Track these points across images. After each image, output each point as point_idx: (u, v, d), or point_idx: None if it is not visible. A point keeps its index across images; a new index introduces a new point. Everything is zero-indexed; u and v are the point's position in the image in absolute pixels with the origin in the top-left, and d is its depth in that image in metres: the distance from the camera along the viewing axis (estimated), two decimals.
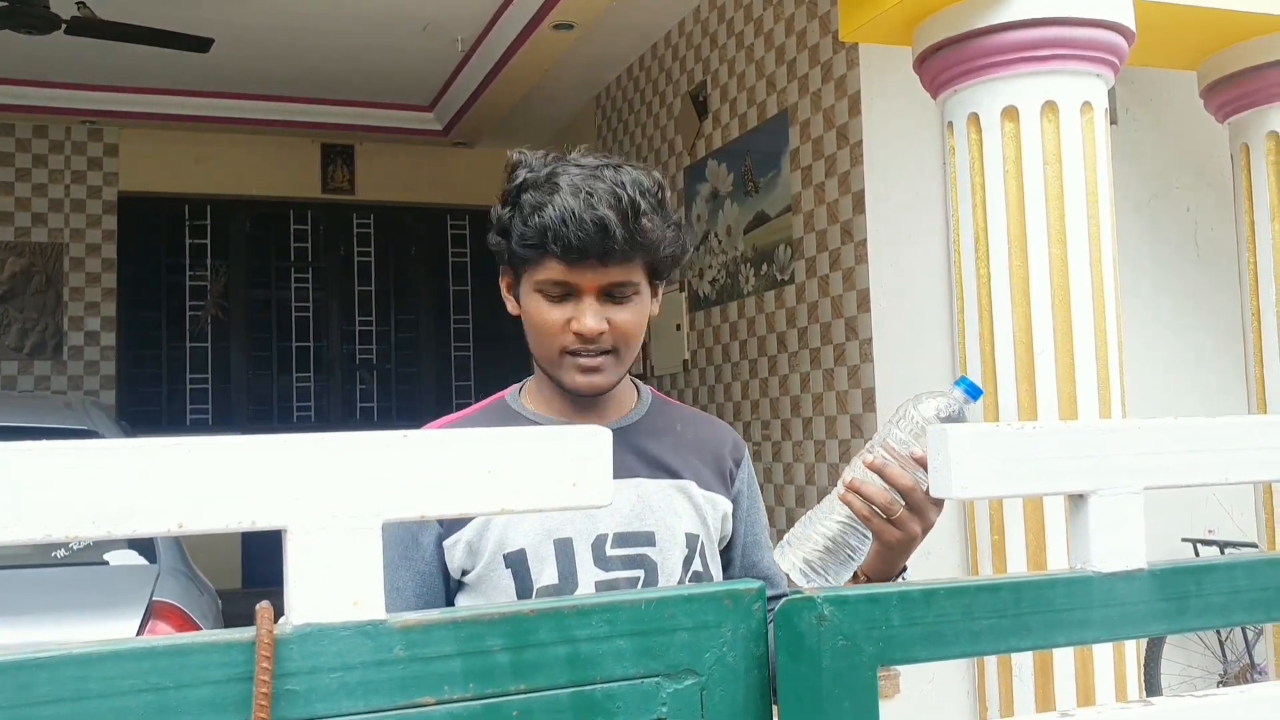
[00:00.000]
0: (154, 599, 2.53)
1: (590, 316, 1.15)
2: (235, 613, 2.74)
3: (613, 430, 1.23)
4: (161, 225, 6.97)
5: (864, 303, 3.69)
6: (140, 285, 6.87)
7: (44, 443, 0.64)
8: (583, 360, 1.17)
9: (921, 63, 2.56)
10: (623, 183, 1.15)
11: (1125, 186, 2.81)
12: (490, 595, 1.17)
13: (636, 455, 1.23)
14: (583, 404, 1.24)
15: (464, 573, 1.19)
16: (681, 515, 1.23)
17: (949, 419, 1.06)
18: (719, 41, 4.69)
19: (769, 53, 4.29)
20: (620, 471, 1.21)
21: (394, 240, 7.44)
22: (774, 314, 4.29)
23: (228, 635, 0.66)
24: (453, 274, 7.57)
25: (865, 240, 3.67)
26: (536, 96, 5.91)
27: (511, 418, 1.24)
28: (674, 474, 1.24)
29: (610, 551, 1.18)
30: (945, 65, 2.47)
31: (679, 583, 1.19)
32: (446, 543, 1.18)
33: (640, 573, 1.19)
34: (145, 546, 2.85)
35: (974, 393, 1.08)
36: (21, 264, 6.40)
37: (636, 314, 1.18)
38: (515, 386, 1.30)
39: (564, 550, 1.17)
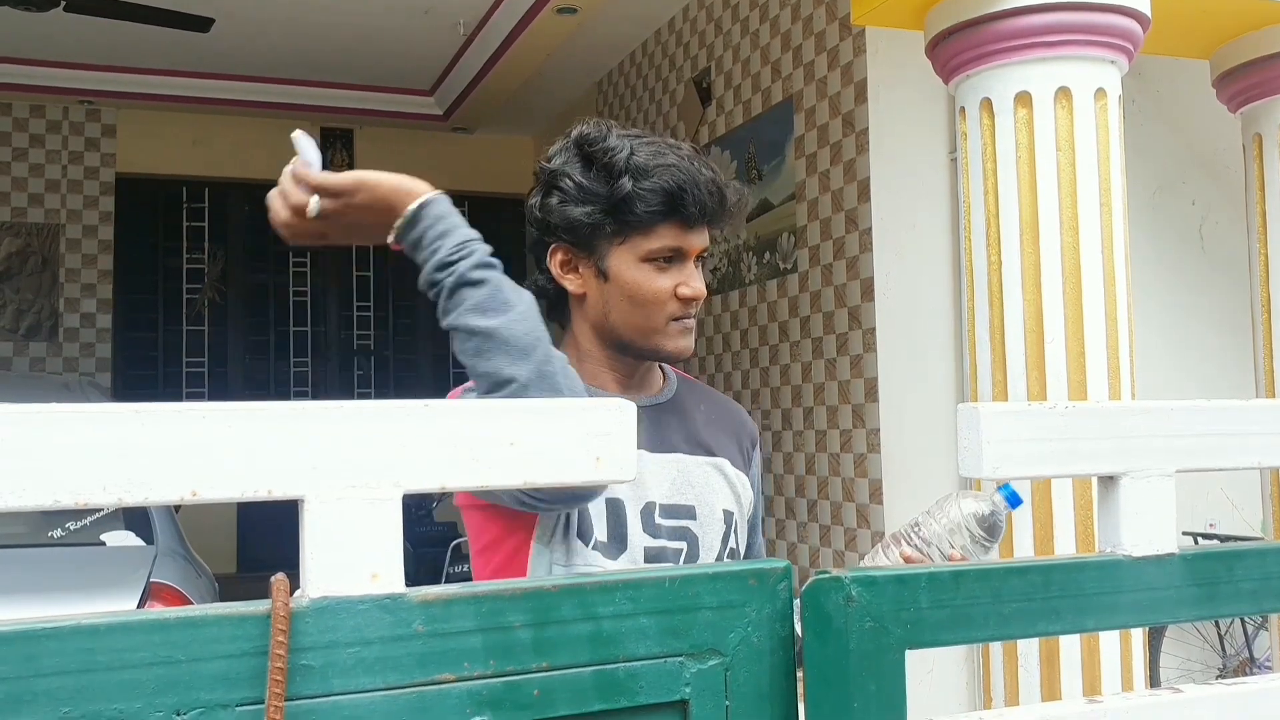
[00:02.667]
0: (151, 580, 2.51)
1: (698, 279, 1.21)
2: (232, 597, 2.71)
3: (652, 405, 1.24)
4: (159, 207, 6.93)
5: (868, 292, 3.67)
6: (137, 267, 6.83)
7: (52, 405, 0.61)
8: (686, 322, 1.21)
9: (934, 47, 2.53)
10: (699, 153, 1.22)
11: (1130, 179, 2.79)
12: (543, 544, 1.17)
13: (675, 431, 1.25)
14: (627, 379, 1.25)
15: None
16: (718, 492, 1.25)
17: (987, 521, 1.09)
18: (723, 27, 4.66)
19: (774, 39, 4.26)
20: (661, 446, 1.23)
21: None
22: (776, 303, 4.27)
23: (242, 608, 0.64)
24: None
25: (870, 229, 3.65)
26: (538, 82, 5.87)
27: None
28: (709, 452, 1.27)
29: (658, 520, 1.20)
30: (958, 50, 2.44)
31: (717, 558, 1.21)
32: None
33: (684, 544, 1.20)
34: (142, 528, 2.83)
35: (1014, 501, 1.12)
36: (18, 245, 6.36)
37: (704, 279, 1.24)
38: None
39: (615, 511, 1.18)
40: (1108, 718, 0.84)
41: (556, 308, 1.27)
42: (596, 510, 1.17)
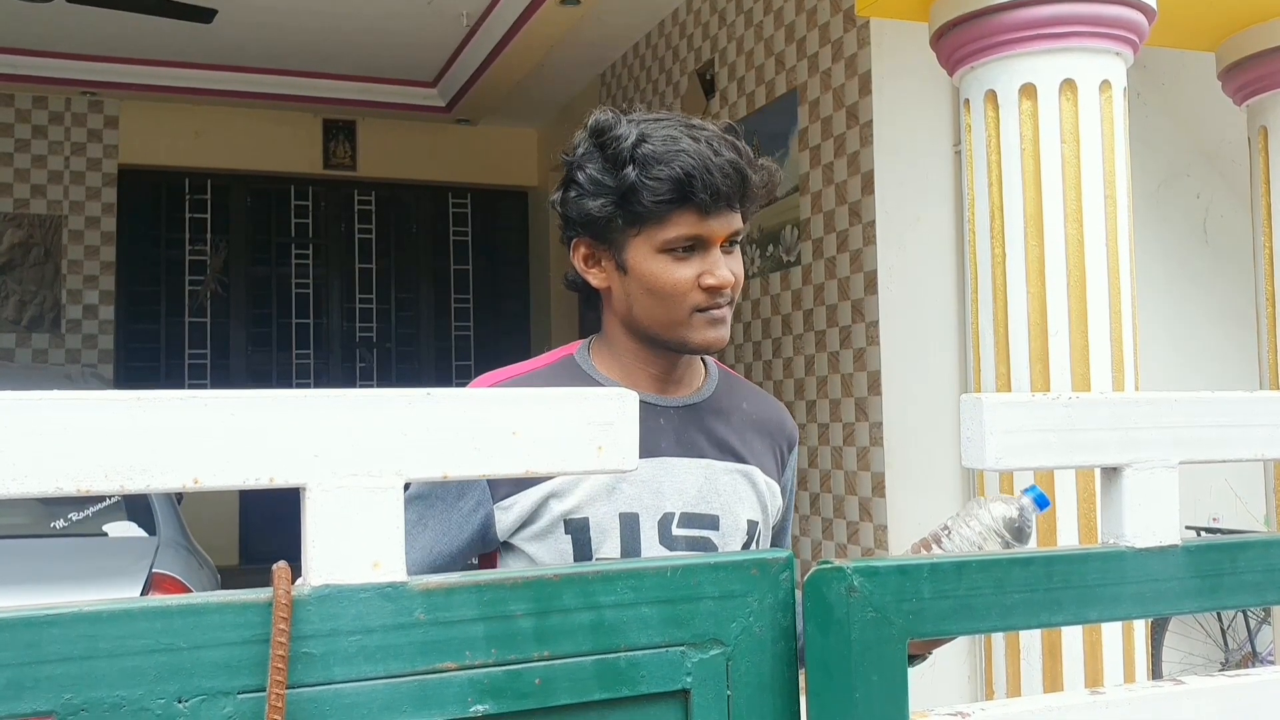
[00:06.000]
0: (154, 570, 2.52)
1: (724, 267, 1.14)
2: (234, 589, 2.73)
3: (684, 406, 1.21)
4: (161, 199, 6.93)
5: (871, 285, 3.67)
6: (139, 259, 6.83)
7: (54, 392, 0.61)
8: (714, 313, 1.15)
9: (938, 39, 2.52)
10: (726, 130, 1.15)
11: (1135, 172, 2.78)
12: (546, 558, 1.14)
13: (705, 435, 1.21)
14: (664, 376, 1.20)
15: (514, 532, 1.16)
16: (745, 501, 1.21)
17: (1014, 525, 1.09)
18: (727, 19, 4.65)
19: (778, 31, 4.25)
20: (689, 450, 1.18)
21: (395, 218, 7.40)
22: (779, 296, 4.26)
23: (244, 596, 0.64)
24: (454, 253, 7.53)
25: (874, 222, 3.64)
26: (541, 74, 5.86)
27: (583, 381, 1.19)
28: (740, 458, 1.22)
29: (675, 531, 1.16)
30: (962, 41, 2.43)
31: None
32: (503, 503, 1.15)
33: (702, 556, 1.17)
34: (144, 519, 2.83)
35: (1042, 502, 1.11)
36: (20, 236, 6.36)
37: (741, 264, 1.18)
38: (580, 344, 1.26)
39: (629, 525, 1.14)
40: (1110, 709, 0.84)
41: (592, 301, 1.23)
42: (610, 525, 1.14)
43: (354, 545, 0.66)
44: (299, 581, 0.65)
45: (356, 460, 0.67)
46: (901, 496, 3.57)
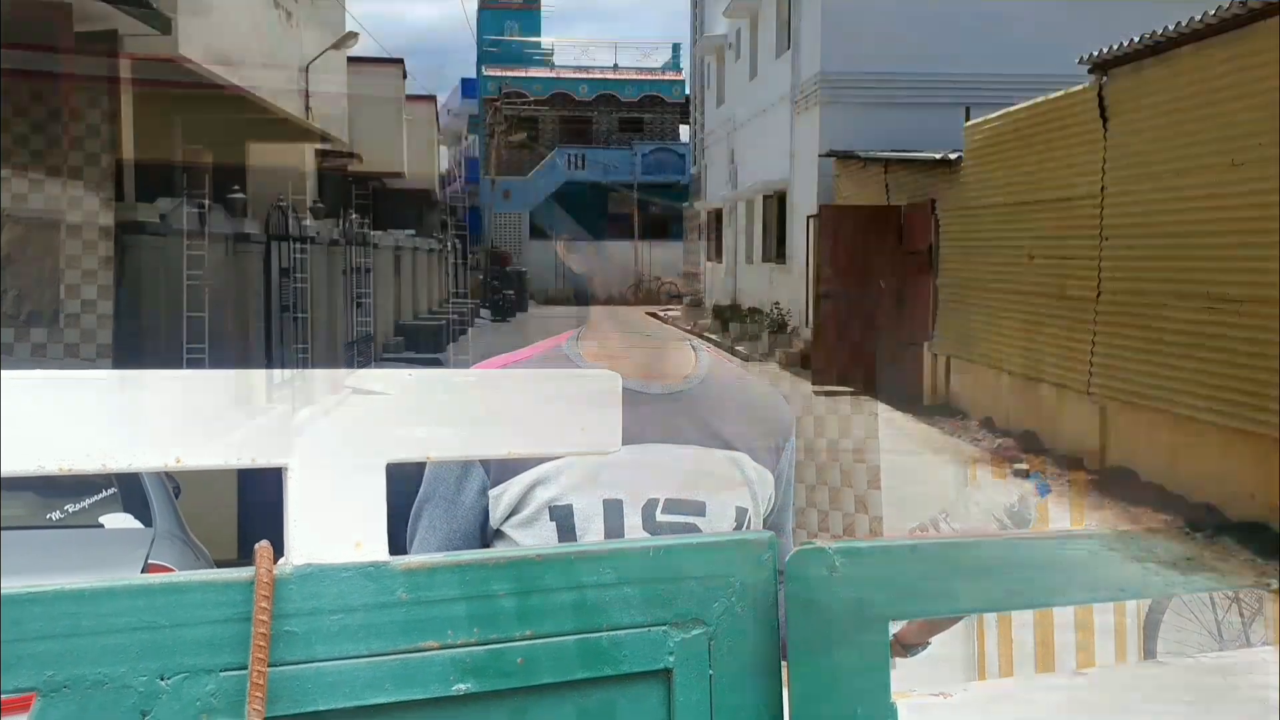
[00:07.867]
0: (149, 562, 2.53)
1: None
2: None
3: (671, 394, 1.21)
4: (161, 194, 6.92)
5: None
6: (139, 254, 6.83)
7: (36, 371, 0.61)
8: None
9: None
10: None
11: None
12: (532, 545, 1.16)
13: (693, 422, 1.22)
14: (647, 364, 1.22)
15: (503, 520, 1.17)
16: (734, 488, 1.22)
17: (1013, 510, 1.11)
18: None
19: None
20: (675, 437, 1.19)
21: None
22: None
23: (226, 575, 0.64)
24: None
25: None
26: None
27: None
28: (729, 445, 1.23)
29: (660, 517, 1.17)
30: None
31: None
32: (492, 492, 1.16)
33: None
34: (140, 511, 2.84)
35: (1043, 490, 1.14)
36: (19, 231, 6.36)
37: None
38: (570, 333, 1.26)
39: (613, 511, 1.15)
40: (1090, 690, 0.85)
41: None
42: (593, 512, 1.14)
43: (336, 525, 0.66)
44: (281, 561, 0.66)
45: (339, 441, 0.67)
46: (900, 490, 3.57)
